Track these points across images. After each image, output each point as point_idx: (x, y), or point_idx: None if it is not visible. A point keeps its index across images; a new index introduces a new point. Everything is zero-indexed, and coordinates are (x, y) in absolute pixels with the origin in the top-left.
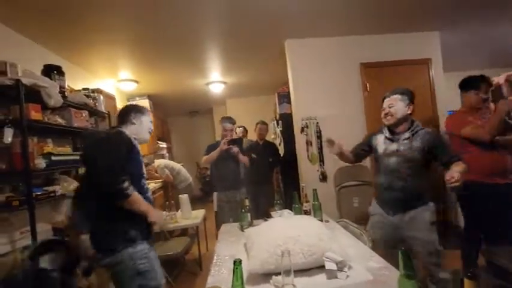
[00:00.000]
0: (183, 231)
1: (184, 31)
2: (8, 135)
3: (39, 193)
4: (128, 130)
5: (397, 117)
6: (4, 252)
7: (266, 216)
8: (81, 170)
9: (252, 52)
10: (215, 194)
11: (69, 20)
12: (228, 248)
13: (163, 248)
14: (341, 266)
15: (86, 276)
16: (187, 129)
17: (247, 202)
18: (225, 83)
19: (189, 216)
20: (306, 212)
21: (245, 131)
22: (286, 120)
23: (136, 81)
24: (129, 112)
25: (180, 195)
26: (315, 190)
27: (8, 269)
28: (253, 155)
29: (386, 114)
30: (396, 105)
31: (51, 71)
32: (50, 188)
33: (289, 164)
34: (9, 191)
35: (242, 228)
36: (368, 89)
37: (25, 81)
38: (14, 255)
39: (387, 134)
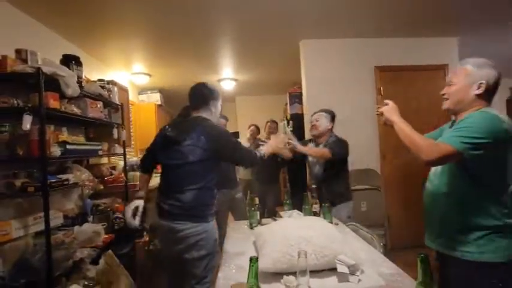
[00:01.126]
0: None
1: (198, 27)
2: (27, 122)
3: (53, 180)
4: (209, 116)
5: (320, 131)
6: (17, 236)
7: (273, 215)
8: (97, 160)
9: (265, 51)
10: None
11: (88, 12)
12: (236, 245)
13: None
14: (353, 269)
15: (94, 265)
16: None
17: (256, 200)
18: (236, 80)
19: None
20: (315, 214)
21: (257, 129)
22: (297, 121)
23: (149, 75)
24: (210, 98)
25: None
26: (324, 191)
27: (20, 253)
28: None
29: (312, 127)
30: (320, 121)
31: (70, 61)
32: (64, 176)
33: (297, 164)
34: (24, 177)
35: (251, 226)
36: (382, 92)
37: (45, 69)
38: (26, 239)
39: (312, 144)
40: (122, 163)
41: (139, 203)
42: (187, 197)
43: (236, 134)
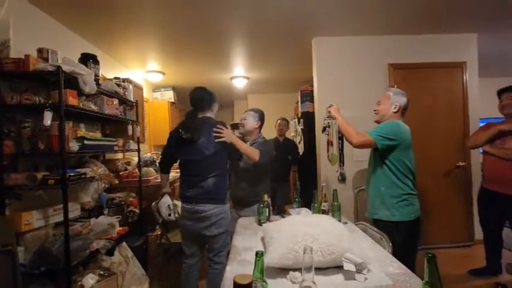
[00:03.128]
0: None
1: (210, 26)
2: (48, 119)
3: (72, 174)
4: (211, 116)
5: (247, 129)
6: (38, 226)
7: (282, 212)
8: (112, 155)
9: (277, 48)
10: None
11: (105, 13)
12: (244, 240)
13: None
14: (360, 268)
15: (109, 256)
16: None
17: (266, 197)
18: (247, 78)
19: None
20: (324, 212)
21: (286, 123)
22: (307, 119)
23: (162, 73)
24: (212, 101)
25: None
26: (335, 191)
27: (41, 242)
28: (273, 152)
29: (240, 125)
30: (248, 119)
31: (88, 59)
32: (82, 170)
33: (307, 162)
34: (44, 170)
35: (260, 223)
36: None
37: (65, 68)
38: (46, 229)
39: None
40: (136, 159)
41: (169, 201)
42: (208, 183)
43: (235, 126)
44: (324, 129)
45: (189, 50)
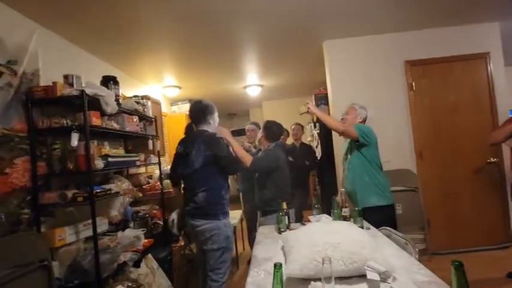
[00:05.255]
0: None
1: (222, 37)
2: (75, 139)
3: (98, 190)
4: (208, 128)
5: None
6: (70, 241)
7: (301, 219)
8: (135, 170)
9: (289, 54)
10: (241, 194)
11: (123, 37)
12: (265, 250)
13: None
14: (384, 276)
15: (136, 267)
16: None
17: (284, 205)
18: (261, 86)
19: None
20: (345, 218)
21: (301, 128)
22: (323, 124)
23: (179, 87)
24: (207, 113)
25: None
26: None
27: (73, 256)
28: (290, 158)
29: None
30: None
31: (108, 81)
32: (107, 186)
33: (326, 167)
34: (74, 188)
35: (279, 231)
36: (414, 88)
37: (88, 91)
38: (77, 244)
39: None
40: (157, 172)
41: (173, 215)
42: (199, 198)
43: (241, 131)
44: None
45: (203, 63)
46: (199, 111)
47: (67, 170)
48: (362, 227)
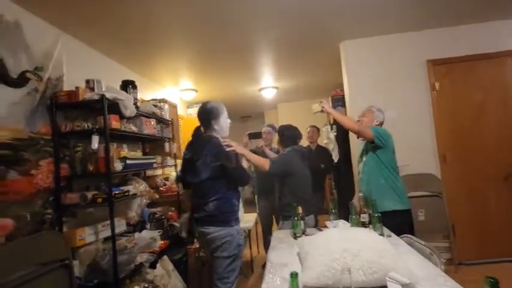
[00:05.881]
0: None
1: (238, 41)
2: (95, 142)
3: (117, 192)
4: (214, 133)
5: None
6: (90, 241)
7: (316, 224)
8: (152, 172)
9: (305, 56)
10: (256, 197)
11: (141, 41)
12: (280, 255)
13: None
14: None
15: (152, 268)
16: (239, 133)
17: (300, 210)
18: (276, 88)
19: (241, 219)
20: (364, 224)
21: (317, 130)
22: (341, 125)
23: (195, 90)
24: (213, 117)
25: None
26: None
27: (92, 256)
28: (305, 161)
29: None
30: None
31: (127, 85)
32: (125, 188)
33: (343, 170)
34: (94, 189)
35: (295, 236)
36: (437, 88)
37: (108, 95)
38: (96, 244)
39: None
40: (173, 174)
41: (183, 220)
42: (210, 207)
43: (258, 134)
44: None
45: (219, 66)
46: (205, 115)
47: (88, 172)
48: (382, 234)
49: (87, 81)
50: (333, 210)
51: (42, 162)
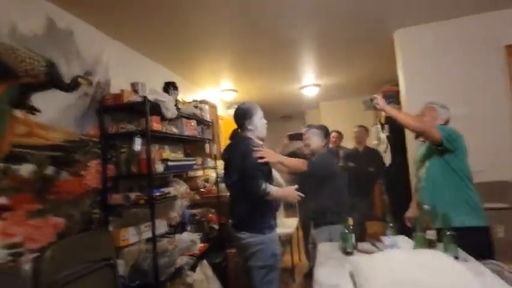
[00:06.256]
0: None
1: (277, 38)
2: (137, 144)
3: (158, 194)
4: (248, 134)
5: (312, 148)
6: (133, 242)
7: (364, 233)
8: (193, 173)
9: (351, 50)
10: (296, 202)
11: (183, 43)
12: (329, 274)
13: None
14: None
15: (192, 271)
16: (279, 134)
17: (350, 221)
18: (318, 85)
19: (282, 223)
20: (431, 244)
21: (340, 136)
22: (393, 125)
23: (235, 91)
24: (245, 117)
25: None
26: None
27: (135, 256)
28: (351, 164)
29: (305, 146)
30: (312, 139)
31: (169, 86)
32: (166, 190)
33: (396, 175)
34: (137, 190)
35: (345, 251)
36: None
37: (150, 97)
38: (139, 245)
39: None
40: (213, 175)
41: None
42: (241, 210)
43: (298, 136)
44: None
45: (259, 65)
46: (239, 116)
47: (131, 173)
48: (457, 258)
49: (133, 84)
50: (391, 224)
51: (91, 163)
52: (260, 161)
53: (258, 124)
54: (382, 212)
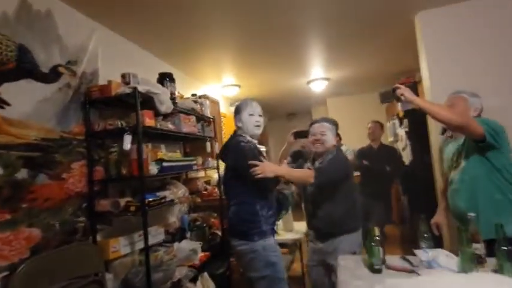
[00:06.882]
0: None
1: (284, 26)
2: (127, 142)
3: (151, 199)
4: (240, 131)
5: (326, 147)
6: (125, 253)
7: (384, 239)
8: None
9: (363, 39)
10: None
11: (182, 34)
12: None
13: None
14: None
15: (193, 282)
16: (284, 132)
17: (376, 231)
18: (327, 79)
19: (290, 228)
20: (480, 260)
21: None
22: (414, 119)
23: (238, 86)
24: (235, 117)
25: None
26: (499, 225)
27: (128, 269)
28: (365, 162)
29: (316, 141)
30: (327, 135)
31: (164, 78)
32: (161, 194)
33: (417, 175)
34: (129, 195)
35: (372, 268)
36: None
37: (140, 88)
38: (132, 256)
39: (309, 164)
40: (215, 176)
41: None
42: (231, 213)
43: (304, 133)
44: (444, 130)
45: (263, 58)
46: (234, 113)
47: (121, 176)
48: None
49: (123, 76)
50: (425, 235)
51: (75, 164)
52: (257, 176)
53: (246, 121)
54: (399, 215)
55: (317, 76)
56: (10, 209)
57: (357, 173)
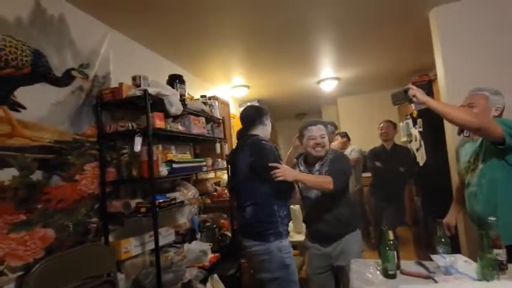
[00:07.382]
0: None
1: (293, 25)
2: (138, 144)
3: (161, 201)
4: (259, 133)
5: (327, 150)
6: (136, 254)
7: (396, 242)
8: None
9: (375, 38)
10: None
11: (192, 37)
12: None
13: None
14: None
15: (203, 284)
16: (294, 132)
17: (391, 235)
18: (338, 78)
19: (301, 230)
20: (501, 266)
21: (347, 140)
22: (429, 119)
23: (247, 87)
24: (258, 116)
25: (291, 206)
26: None
27: (139, 269)
28: (378, 163)
29: (317, 145)
30: (327, 137)
31: (174, 80)
32: (172, 195)
33: (432, 176)
34: (140, 197)
35: (386, 273)
36: None
37: (150, 90)
38: (143, 257)
39: (302, 167)
40: (225, 177)
41: None
42: (247, 214)
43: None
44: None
45: (272, 58)
46: (247, 116)
47: (132, 177)
48: None
49: (134, 78)
50: (443, 239)
51: (87, 166)
52: (277, 179)
53: (267, 124)
54: (412, 216)
55: (327, 76)
56: (25, 210)
57: (366, 174)
